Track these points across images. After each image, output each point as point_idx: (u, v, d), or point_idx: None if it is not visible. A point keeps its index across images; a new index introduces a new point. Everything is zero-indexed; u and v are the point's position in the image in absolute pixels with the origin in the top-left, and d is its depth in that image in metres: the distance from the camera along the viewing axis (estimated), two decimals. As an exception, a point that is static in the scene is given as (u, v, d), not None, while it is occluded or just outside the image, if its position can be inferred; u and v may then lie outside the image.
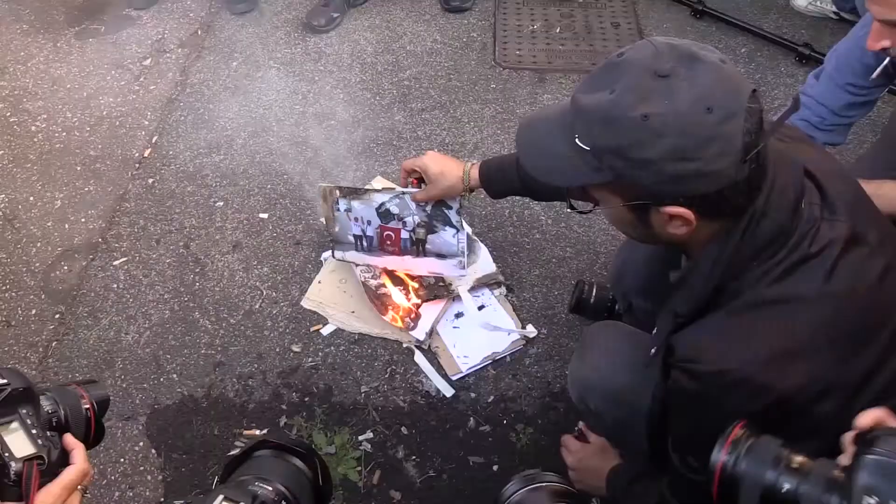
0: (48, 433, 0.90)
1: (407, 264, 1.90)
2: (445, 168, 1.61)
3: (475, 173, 1.59)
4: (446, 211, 1.75)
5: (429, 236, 1.82)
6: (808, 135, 1.71)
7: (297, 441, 1.07)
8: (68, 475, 0.89)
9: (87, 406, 0.97)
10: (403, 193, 1.75)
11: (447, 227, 1.79)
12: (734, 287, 0.99)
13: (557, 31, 2.83)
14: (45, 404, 0.93)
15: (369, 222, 1.85)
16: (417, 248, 1.85)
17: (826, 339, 0.96)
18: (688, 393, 1.00)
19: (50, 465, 0.87)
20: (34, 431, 0.88)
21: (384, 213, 1.81)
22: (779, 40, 2.67)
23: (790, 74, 2.59)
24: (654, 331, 1.11)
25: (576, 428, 1.59)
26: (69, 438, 0.92)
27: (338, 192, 1.83)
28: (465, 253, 1.84)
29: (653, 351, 1.08)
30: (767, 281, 0.96)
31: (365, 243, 1.90)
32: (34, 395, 0.91)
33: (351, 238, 1.90)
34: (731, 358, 0.96)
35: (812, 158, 1.06)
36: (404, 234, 1.84)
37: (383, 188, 1.82)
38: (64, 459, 0.90)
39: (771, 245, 0.96)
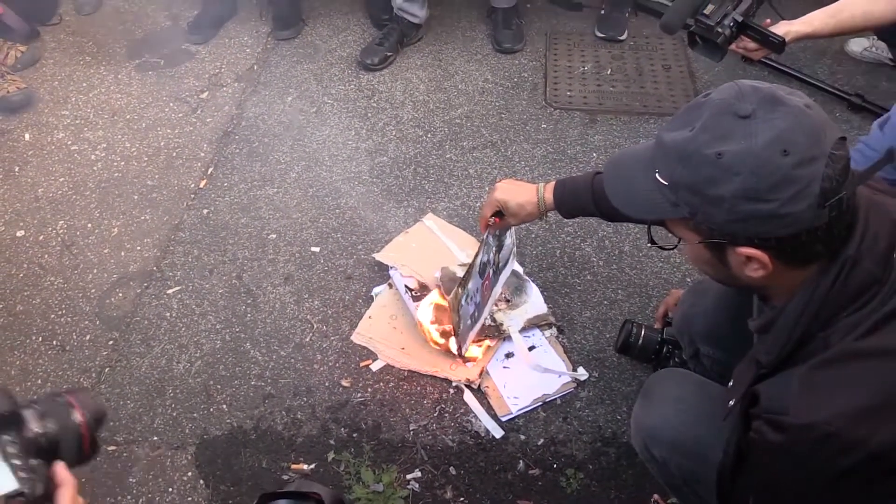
0: (31, 461, 0.79)
1: (495, 294, 1.88)
2: (521, 199, 1.56)
3: (549, 197, 1.52)
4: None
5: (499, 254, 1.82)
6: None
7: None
8: None
9: (80, 420, 0.85)
10: (487, 238, 1.70)
11: (507, 235, 1.79)
12: (822, 337, 0.96)
13: (608, 72, 2.84)
14: (32, 424, 0.82)
15: (477, 289, 1.79)
16: (495, 271, 1.83)
17: None
18: (772, 446, 0.97)
19: (34, 501, 0.78)
20: (16, 462, 0.78)
21: (482, 271, 1.76)
22: (829, 89, 2.64)
23: (846, 120, 2.56)
24: (731, 382, 1.08)
25: (651, 500, 1.55)
26: (61, 471, 0.82)
27: (459, 290, 1.71)
28: (515, 242, 1.84)
29: (731, 402, 1.05)
30: (858, 333, 0.93)
31: (476, 312, 1.82)
32: (19, 417, 0.81)
33: (469, 321, 1.82)
34: (821, 411, 0.92)
35: None
36: (491, 272, 1.82)
37: (476, 252, 1.73)
38: (51, 492, 0.80)
39: (862, 295, 0.94)
